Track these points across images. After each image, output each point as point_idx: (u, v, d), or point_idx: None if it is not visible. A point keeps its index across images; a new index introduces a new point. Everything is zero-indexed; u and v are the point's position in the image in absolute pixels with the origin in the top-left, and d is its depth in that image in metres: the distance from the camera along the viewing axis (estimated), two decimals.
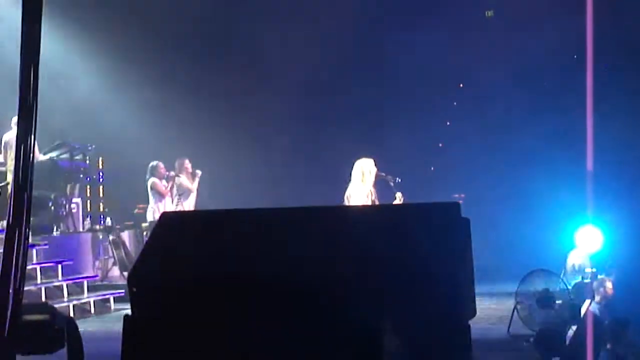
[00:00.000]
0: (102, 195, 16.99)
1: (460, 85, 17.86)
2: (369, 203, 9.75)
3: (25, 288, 1.85)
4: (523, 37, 15.96)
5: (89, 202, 16.86)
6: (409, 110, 16.99)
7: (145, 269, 2.28)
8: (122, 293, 12.61)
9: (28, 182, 1.77)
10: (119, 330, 2.22)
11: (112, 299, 12.75)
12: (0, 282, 1.73)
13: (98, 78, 16.84)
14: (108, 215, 14.77)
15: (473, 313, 2.25)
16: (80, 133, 16.09)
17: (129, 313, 2.24)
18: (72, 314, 11.18)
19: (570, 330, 8.54)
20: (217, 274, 2.25)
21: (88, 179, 16.69)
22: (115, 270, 14.25)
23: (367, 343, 2.11)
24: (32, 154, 1.78)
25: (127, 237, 14.82)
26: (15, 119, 1.81)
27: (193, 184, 13.73)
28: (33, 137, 1.79)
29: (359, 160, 10.23)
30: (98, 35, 16.71)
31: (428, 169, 17.79)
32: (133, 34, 16.84)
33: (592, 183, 12.04)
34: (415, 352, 2.14)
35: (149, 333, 2.23)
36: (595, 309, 9.10)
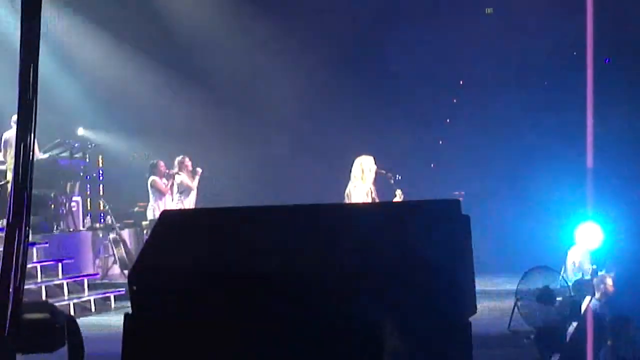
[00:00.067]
0: (102, 194, 16.97)
1: (461, 83, 17.84)
2: (369, 200, 9.74)
3: (26, 287, 1.84)
4: (523, 34, 15.95)
5: (89, 200, 16.84)
6: (409, 108, 16.97)
7: (146, 267, 2.28)
8: (122, 291, 12.61)
9: (28, 180, 1.77)
10: (120, 329, 2.22)
11: (112, 298, 12.75)
12: (1, 280, 1.73)
13: (98, 75, 16.83)
14: (108, 214, 14.74)
15: (473, 310, 2.25)
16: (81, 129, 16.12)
17: (130, 311, 2.24)
18: (72, 313, 11.17)
19: (571, 327, 8.54)
20: (217, 272, 2.25)
21: (88, 177, 16.67)
22: (116, 269, 14.25)
23: (368, 340, 2.10)
24: (32, 153, 1.78)
25: (127, 235, 14.81)
26: (15, 117, 1.81)
27: (193, 182, 13.73)
28: (33, 135, 1.78)
29: (359, 158, 10.22)
30: (98, 34, 16.71)
31: (428, 166, 17.77)
32: (133, 33, 16.83)
33: (592, 180, 12.03)
34: (416, 349, 2.14)
35: (150, 331, 2.23)
36: (596, 306, 9.10)
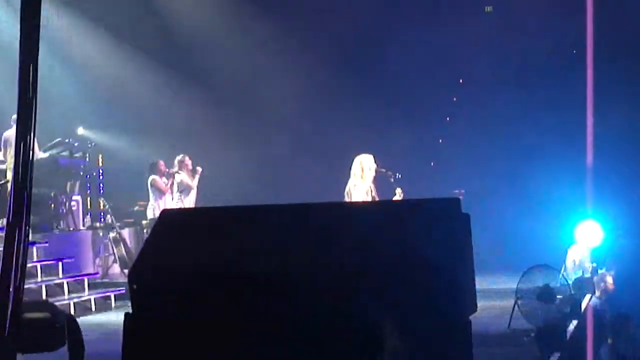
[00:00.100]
0: (102, 193, 16.96)
1: (460, 81, 17.83)
2: (369, 199, 9.74)
3: (26, 286, 1.84)
4: (522, 32, 15.95)
5: (89, 199, 16.84)
6: (409, 106, 16.97)
7: (146, 267, 2.27)
8: (122, 290, 12.60)
9: (28, 179, 1.77)
10: (120, 328, 2.22)
11: (112, 297, 12.75)
12: (1, 280, 1.73)
13: (98, 74, 16.83)
14: (108, 213, 14.74)
15: (474, 308, 2.25)
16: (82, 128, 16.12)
17: (130, 311, 2.24)
18: (72, 312, 11.17)
19: (571, 325, 8.55)
20: (217, 271, 2.25)
21: (88, 177, 16.67)
22: (116, 268, 14.25)
23: (368, 338, 2.10)
24: (31, 152, 1.78)
25: (127, 234, 14.81)
26: (15, 117, 1.80)
27: (193, 181, 13.72)
28: (33, 134, 1.78)
29: (359, 156, 10.22)
30: (97, 32, 16.70)
31: (428, 165, 17.76)
32: (133, 32, 16.82)
33: (591, 178, 12.03)
34: (416, 347, 2.14)
35: (150, 330, 2.23)
36: (596, 304, 9.11)
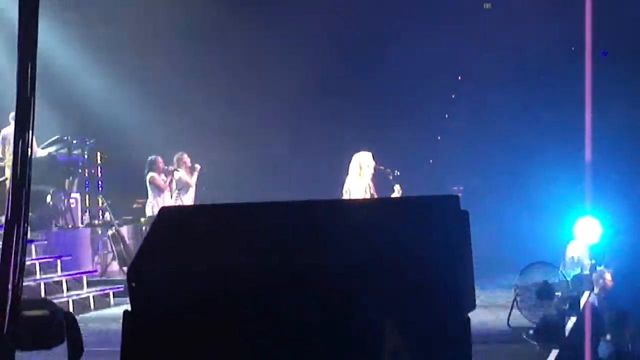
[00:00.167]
0: (100, 190, 16.96)
1: (459, 78, 17.84)
2: (368, 196, 9.75)
3: (25, 283, 1.84)
4: (521, 29, 15.95)
5: (88, 197, 16.83)
6: (407, 104, 16.98)
7: (145, 264, 2.27)
8: (121, 288, 12.60)
9: (26, 177, 1.77)
10: (119, 326, 2.22)
11: (111, 294, 12.75)
12: None
13: (97, 72, 16.81)
14: (107, 210, 14.74)
15: (473, 305, 2.25)
16: (79, 127, 16.09)
17: (129, 308, 2.24)
18: (71, 309, 11.17)
19: (570, 322, 8.56)
20: (216, 269, 2.25)
21: (87, 174, 16.66)
22: (115, 265, 14.25)
23: (367, 336, 2.10)
24: (30, 149, 1.78)
25: (126, 232, 14.81)
26: (13, 114, 1.80)
27: (192, 179, 13.71)
28: (31, 132, 1.78)
29: (357, 154, 10.23)
30: (97, 30, 16.69)
31: (427, 162, 17.78)
32: (132, 31, 16.81)
33: (590, 175, 12.03)
34: (415, 344, 2.14)
35: (149, 328, 2.23)
36: (595, 301, 9.11)
